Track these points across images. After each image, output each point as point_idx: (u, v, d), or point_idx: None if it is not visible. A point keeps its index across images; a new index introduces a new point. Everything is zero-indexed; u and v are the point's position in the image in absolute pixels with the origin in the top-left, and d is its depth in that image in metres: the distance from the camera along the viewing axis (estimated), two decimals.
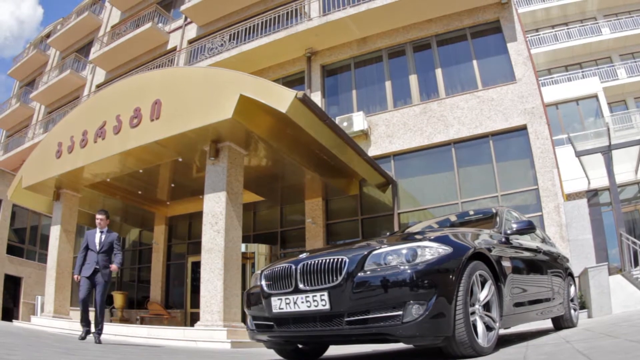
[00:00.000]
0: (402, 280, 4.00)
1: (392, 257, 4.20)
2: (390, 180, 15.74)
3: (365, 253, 4.31)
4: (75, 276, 8.86)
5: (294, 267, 4.59)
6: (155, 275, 19.51)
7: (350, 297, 4.12)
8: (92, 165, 13.36)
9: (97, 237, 9.05)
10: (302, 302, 4.40)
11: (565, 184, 18.32)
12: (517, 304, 5.45)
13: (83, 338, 8.51)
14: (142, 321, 17.62)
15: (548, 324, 8.33)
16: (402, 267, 4.08)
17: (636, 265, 15.07)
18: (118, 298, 18.95)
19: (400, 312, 3.96)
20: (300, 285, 4.47)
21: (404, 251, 4.20)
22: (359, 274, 4.17)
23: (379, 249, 4.35)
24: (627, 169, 20.92)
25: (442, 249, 4.25)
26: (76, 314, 20.33)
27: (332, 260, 4.36)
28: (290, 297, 4.51)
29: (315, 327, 4.40)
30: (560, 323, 7.89)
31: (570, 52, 32.12)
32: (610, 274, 13.69)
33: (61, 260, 14.47)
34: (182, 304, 18.82)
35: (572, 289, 8.33)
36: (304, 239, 16.48)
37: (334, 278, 4.26)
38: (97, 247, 8.93)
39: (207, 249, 10.88)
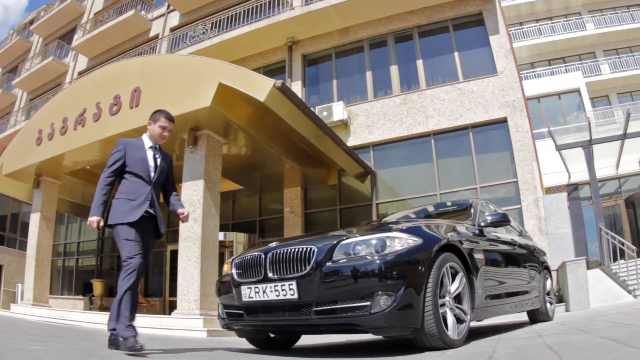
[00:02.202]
0: (371, 271, 4.01)
1: (361, 247, 4.21)
2: (369, 170, 15.79)
3: (334, 243, 4.31)
4: (94, 219, 4.69)
5: (263, 256, 4.59)
6: None
7: (319, 286, 4.13)
8: (71, 153, 13.23)
9: (151, 156, 5.23)
10: (271, 291, 4.40)
11: (546, 177, 18.43)
12: (490, 297, 5.48)
13: (140, 348, 4.31)
14: None
15: (525, 317, 8.36)
16: (370, 258, 4.08)
17: (615, 260, 15.19)
18: (97, 286, 18.87)
19: (368, 303, 3.97)
20: (270, 274, 4.46)
21: (373, 241, 4.20)
22: (328, 264, 4.17)
23: (347, 238, 4.35)
24: (608, 164, 21.11)
25: (412, 240, 4.25)
26: (56, 302, 20.44)
27: (300, 249, 4.35)
28: (260, 286, 4.51)
29: (284, 317, 4.41)
30: (536, 316, 7.93)
31: (554, 47, 32.32)
32: (590, 268, 13.84)
33: (40, 248, 14.35)
34: (161, 292, 18.79)
35: (548, 282, 8.37)
36: (282, 228, 16.49)
37: (303, 267, 4.26)
38: (154, 174, 5.18)
39: (185, 237, 10.83)
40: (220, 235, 13.15)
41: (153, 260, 19.57)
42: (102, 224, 4.74)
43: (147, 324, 10.70)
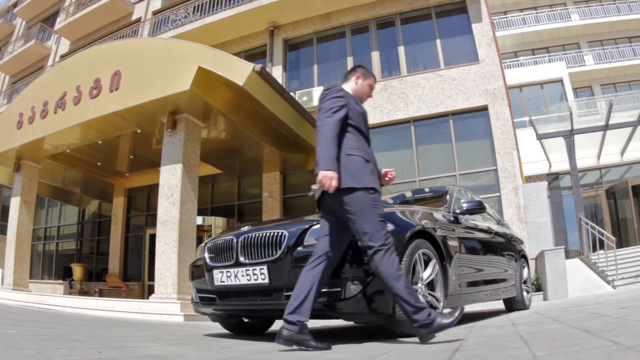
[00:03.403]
0: (342, 256, 3.97)
1: None
2: None
3: (306, 227, 4.30)
4: (332, 174, 3.62)
5: (235, 240, 4.57)
6: (114, 247, 19.33)
7: (289, 271, 4.12)
8: (52, 136, 13.18)
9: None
10: (243, 276, 4.40)
11: (526, 166, 18.53)
12: (464, 284, 5.49)
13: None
14: (101, 293, 17.52)
15: (502, 305, 8.37)
16: None
17: (595, 250, 15.27)
18: (77, 270, 18.82)
19: (339, 289, 3.98)
20: (241, 259, 4.46)
21: None
22: (299, 249, 4.18)
23: (319, 223, 4.26)
24: (590, 154, 21.21)
25: None
26: (36, 286, 20.35)
27: (272, 234, 4.34)
28: (231, 270, 4.51)
29: (256, 301, 4.42)
30: (512, 305, 7.92)
31: (538, 36, 32.32)
32: (569, 257, 13.89)
33: (20, 232, 14.25)
34: (140, 277, 18.81)
35: (525, 271, 8.36)
36: (261, 213, 16.50)
37: (274, 252, 4.26)
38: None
39: (163, 221, 10.83)
40: (199, 220, 13.14)
41: (132, 244, 19.60)
42: (335, 183, 3.65)
43: (125, 308, 10.73)
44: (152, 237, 16.91)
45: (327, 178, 3.59)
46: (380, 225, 3.72)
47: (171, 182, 10.99)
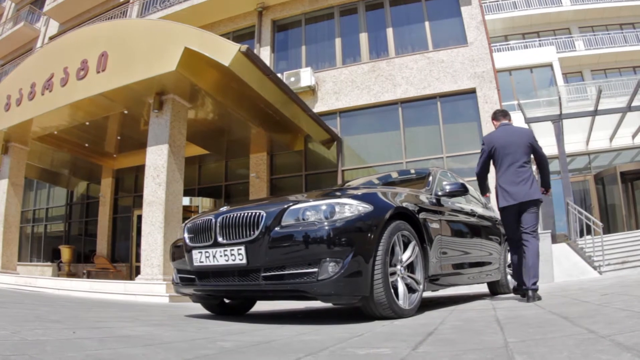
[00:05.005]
0: (319, 237, 3.99)
1: (310, 212, 4.17)
2: (335, 137, 15.84)
3: (284, 208, 4.27)
4: None
5: (213, 220, 4.55)
6: (102, 228, 19.37)
7: (266, 252, 4.10)
8: (39, 118, 13.14)
9: None
10: (221, 256, 4.38)
11: None
12: (446, 267, 5.48)
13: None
14: (89, 275, 17.53)
15: (487, 288, 8.36)
16: (319, 224, 4.06)
17: (582, 235, 15.31)
18: (65, 252, 18.79)
19: (315, 269, 3.96)
20: (219, 239, 4.44)
21: (323, 207, 4.17)
22: (276, 229, 4.14)
23: (297, 204, 4.31)
24: (579, 139, 21.27)
25: (362, 207, 4.23)
26: (25, 269, 20.30)
27: (249, 214, 4.32)
28: (210, 250, 4.49)
29: (234, 282, 4.39)
30: (497, 288, 7.93)
31: (529, 21, 32.29)
32: (557, 242, 13.92)
33: (9, 215, 14.22)
34: (127, 258, 18.79)
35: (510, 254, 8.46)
36: (248, 193, 16.49)
37: (251, 232, 4.23)
38: None
39: (149, 202, 10.83)
40: (186, 200, 13.13)
41: (120, 225, 19.59)
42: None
43: (111, 290, 10.75)
44: (140, 218, 16.80)
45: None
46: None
47: (157, 162, 10.99)
